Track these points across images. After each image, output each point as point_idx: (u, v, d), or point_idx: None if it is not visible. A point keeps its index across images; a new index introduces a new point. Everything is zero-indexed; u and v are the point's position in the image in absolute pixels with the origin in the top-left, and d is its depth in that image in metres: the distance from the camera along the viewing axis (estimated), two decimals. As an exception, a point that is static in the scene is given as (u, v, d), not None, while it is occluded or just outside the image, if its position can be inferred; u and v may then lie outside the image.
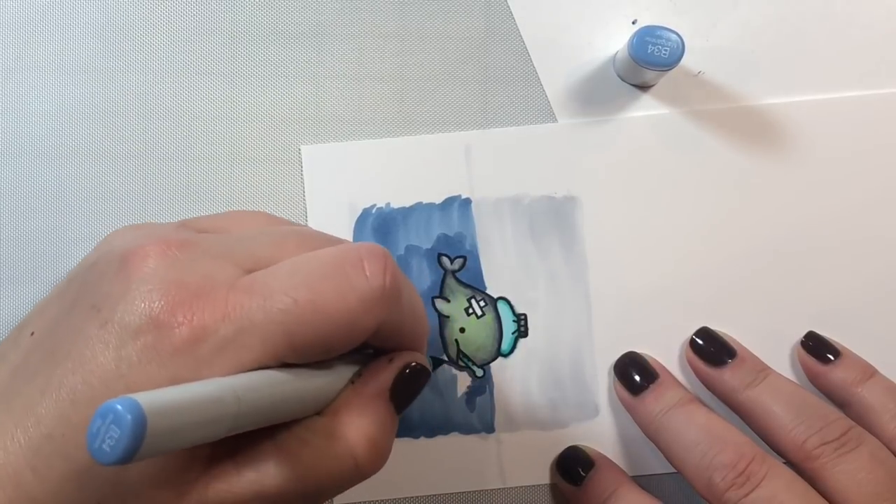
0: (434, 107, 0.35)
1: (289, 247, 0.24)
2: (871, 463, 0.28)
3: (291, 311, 0.22)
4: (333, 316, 0.22)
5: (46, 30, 0.35)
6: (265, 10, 0.35)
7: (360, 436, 0.23)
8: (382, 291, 0.22)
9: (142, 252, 0.23)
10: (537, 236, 0.34)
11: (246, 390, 0.21)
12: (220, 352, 0.21)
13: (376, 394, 0.24)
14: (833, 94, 0.35)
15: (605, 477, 0.32)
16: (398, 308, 0.23)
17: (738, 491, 0.28)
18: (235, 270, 0.23)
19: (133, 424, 0.17)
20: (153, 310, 0.22)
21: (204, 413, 0.19)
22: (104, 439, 0.17)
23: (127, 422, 0.17)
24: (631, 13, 0.35)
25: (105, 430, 0.17)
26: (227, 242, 0.24)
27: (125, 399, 0.17)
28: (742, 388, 0.31)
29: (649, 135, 0.35)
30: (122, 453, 0.17)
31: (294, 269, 0.23)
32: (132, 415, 0.17)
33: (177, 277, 0.22)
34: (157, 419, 0.17)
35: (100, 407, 0.17)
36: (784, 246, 0.34)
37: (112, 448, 0.17)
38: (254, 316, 0.22)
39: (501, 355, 0.34)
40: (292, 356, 0.22)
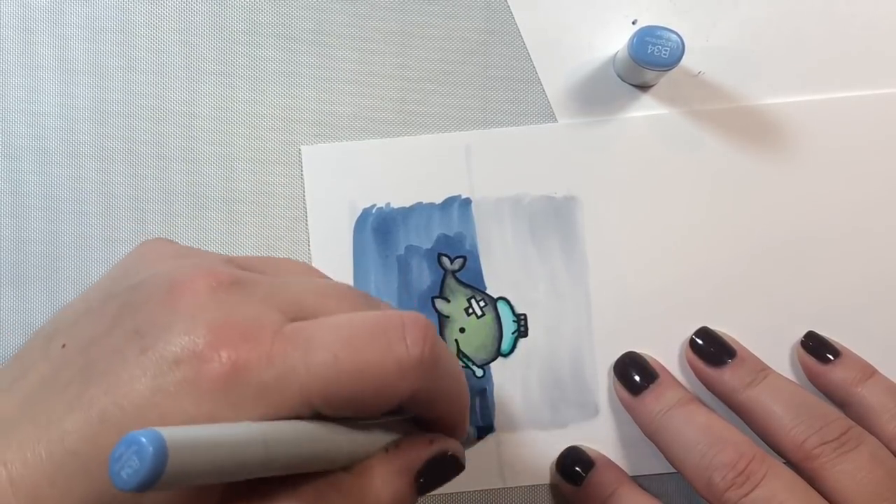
0: (434, 107, 0.35)
1: (332, 300, 0.25)
2: (871, 463, 0.28)
3: (331, 366, 0.22)
4: (370, 377, 0.22)
5: (46, 30, 0.35)
6: (265, 11, 0.35)
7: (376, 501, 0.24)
8: (420, 360, 0.23)
9: (192, 284, 0.23)
10: (537, 236, 0.34)
11: (276, 439, 0.21)
12: (257, 395, 0.22)
13: (405, 468, 0.25)
14: (833, 94, 0.35)
15: (605, 477, 0.32)
16: (434, 378, 0.23)
17: (738, 491, 0.28)
18: (281, 317, 0.23)
19: (154, 457, 0.17)
20: (197, 344, 0.22)
21: (229, 456, 0.19)
22: (124, 466, 0.17)
23: (148, 454, 0.17)
24: (631, 13, 0.35)
25: (127, 458, 0.17)
26: (273, 287, 0.25)
27: (151, 432, 0.17)
28: (742, 388, 0.31)
29: (649, 135, 0.35)
30: (139, 483, 0.17)
31: (338, 325, 0.23)
32: (154, 448, 0.17)
33: (224, 316, 0.22)
34: (179, 455, 0.18)
35: (126, 435, 0.17)
36: (784, 246, 0.34)
37: (129, 476, 0.17)
38: (296, 365, 0.22)
39: (501, 355, 0.34)
40: (326, 410, 0.22)
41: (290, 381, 0.22)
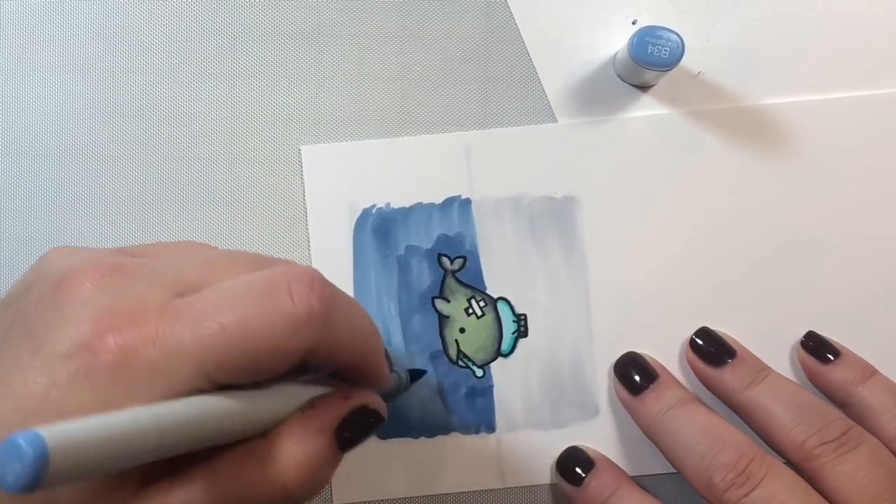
0: (434, 107, 0.35)
1: (220, 269, 0.25)
2: (871, 463, 0.28)
3: (218, 335, 0.22)
4: (260, 339, 0.22)
5: (46, 30, 0.35)
6: (265, 10, 0.35)
7: (294, 464, 0.24)
8: (309, 314, 0.23)
9: (74, 278, 0.23)
10: (537, 236, 0.34)
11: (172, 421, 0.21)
12: (150, 375, 0.22)
13: (321, 427, 0.25)
14: (833, 94, 0.35)
15: (605, 477, 0.32)
16: (330, 329, 0.23)
17: (738, 491, 0.28)
18: (166, 294, 0.23)
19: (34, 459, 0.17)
20: (84, 335, 0.22)
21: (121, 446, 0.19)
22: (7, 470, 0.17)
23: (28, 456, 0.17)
24: (631, 13, 0.35)
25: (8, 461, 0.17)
26: (158, 267, 0.25)
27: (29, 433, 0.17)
28: (742, 388, 0.31)
29: (649, 135, 0.35)
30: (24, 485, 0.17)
31: (221, 293, 0.23)
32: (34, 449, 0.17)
33: (108, 303, 0.23)
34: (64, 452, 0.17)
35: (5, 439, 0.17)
36: (784, 246, 0.34)
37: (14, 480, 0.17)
38: (183, 340, 0.22)
39: (501, 355, 0.34)
40: (224, 378, 0.22)
41: (181, 357, 0.22)
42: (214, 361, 0.22)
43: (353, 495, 0.33)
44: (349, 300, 0.25)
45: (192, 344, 0.22)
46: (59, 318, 0.23)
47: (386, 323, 0.34)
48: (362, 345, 0.26)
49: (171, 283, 0.24)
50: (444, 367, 0.34)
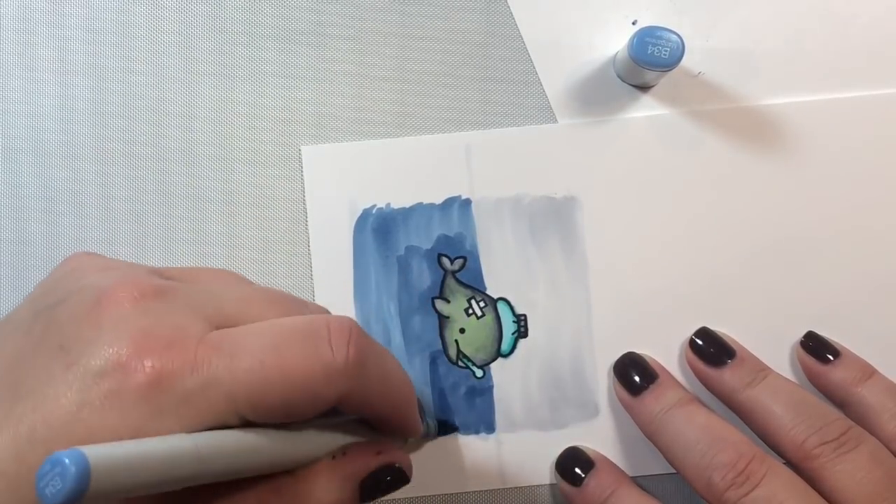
0: (434, 107, 0.35)
1: (256, 307, 0.25)
2: (871, 463, 0.28)
3: (257, 372, 0.22)
4: (296, 382, 0.22)
5: (46, 30, 0.35)
6: (265, 10, 0.35)
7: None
8: (346, 363, 0.23)
9: (114, 297, 0.23)
10: (537, 236, 0.34)
11: (210, 450, 0.21)
12: (183, 403, 0.22)
13: (350, 476, 0.25)
14: (833, 94, 0.35)
15: (604, 477, 0.32)
16: (363, 379, 0.24)
17: (738, 490, 0.28)
18: (205, 325, 0.23)
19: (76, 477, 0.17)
20: (121, 356, 0.22)
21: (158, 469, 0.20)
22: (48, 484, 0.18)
23: (70, 474, 0.17)
24: (631, 13, 0.35)
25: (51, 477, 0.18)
26: (197, 296, 0.25)
27: (73, 452, 0.18)
28: (741, 388, 0.31)
29: (649, 135, 0.35)
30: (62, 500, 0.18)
31: (263, 331, 0.23)
32: (76, 467, 0.17)
33: (148, 326, 0.23)
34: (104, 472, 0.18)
35: (50, 455, 0.18)
36: (784, 246, 0.34)
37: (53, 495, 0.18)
38: (220, 372, 0.22)
39: (501, 355, 0.34)
40: (253, 416, 0.22)
41: (216, 388, 0.22)
42: (247, 398, 0.22)
43: (353, 495, 0.34)
44: (385, 352, 0.26)
45: (229, 377, 0.22)
46: (95, 336, 0.22)
47: (386, 323, 0.34)
48: (394, 397, 0.26)
49: (210, 314, 0.24)
50: (444, 367, 0.34)
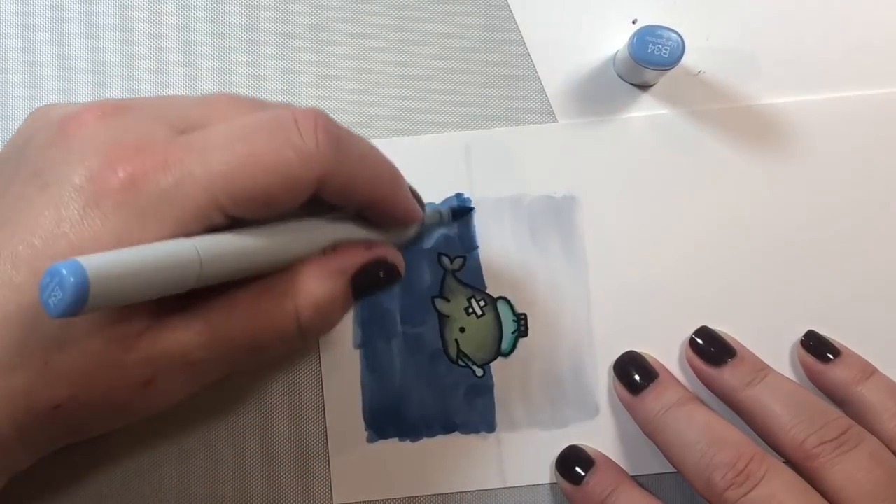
0: (434, 107, 0.35)
1: (221, 109, 0.25)
2: (871, 462, 0.28)
3: (229, 161, 0.22)
4: (271, 169, 0.23)
5: (46, 30, 0.35)
6: (265, 10, 0.35)
7: (310, 300, 0.25)
8: (317, 146, 0.23)
9: (79, 119, 0.24)
10: (537, 236, 0.34)
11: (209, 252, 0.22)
12: (161, 203, 0.22)
13: (340, 270, 0.26)
14: (833, 94, 0.35)
15: (604, 476, 0.32)
16: (341, 160, 0.24)
17: (738, 490, 0.28)
18: (171, 130, 0.24)
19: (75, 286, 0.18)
20: (92, 168, 0.22)
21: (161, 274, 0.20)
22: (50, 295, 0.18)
23: (69, 283, 0.18)
24: (631, 13, 0.35)
25: (52, 288, 0.18)
26: (160, 106, 0.25)
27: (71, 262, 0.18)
28: (741, 387, 0.31)
29: (649, 135, 0.35)
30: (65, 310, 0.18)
31: (230, 128, 0.24)
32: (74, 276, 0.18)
33: (114, 137, 0.23)
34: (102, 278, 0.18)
35: (49, 267, 0.18)
36: (784, 245, 0.34)
37: (56, 304, 0.18)
38: (193, 168, 0.22)
39: (501, 355, 0.34)
40: (235, 208, 0.23)
41: (192, 183, 0.22)
42: (226, 190, 0.22)
43: (353, 495, 0.33)
44: (359, 137, 0.26)
45: (203, 173, 0.22)
46: (65, 155, 0.23)
47: (386, 323, 0.34)
48: (377, 177, 0.26)
49: (175, 120, 0.24)
50: (444, 366, 0.34)
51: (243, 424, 0.34)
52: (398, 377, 0.34)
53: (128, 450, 0.33)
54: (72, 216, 0.22)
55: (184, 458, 0.33)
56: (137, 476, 0.33)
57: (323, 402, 0.34)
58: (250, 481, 0.33)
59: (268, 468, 0.33)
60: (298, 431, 0.34)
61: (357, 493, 0.33)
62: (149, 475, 0.33)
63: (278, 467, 0.34)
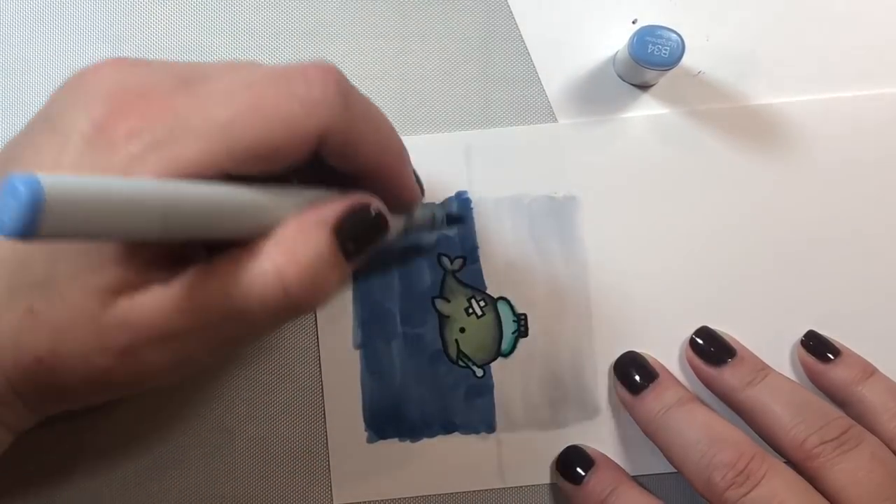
0: (434, 107, 0.35)
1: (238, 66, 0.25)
2: (871, 462, 0.28)
3: (229, 108, 0.22)
4: (273, 118, 0.22)
5: (46, 30, 0.35)
6: (265, 10, 0.35)
7: (290, 258, 0.22)
8: (324, 94, 0.22)
9: (95, 68, 0.24)
10: (537, 236, 0.34)
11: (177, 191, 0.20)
12: (154, 149, 0.22)
13: (318, 222, 0.23)
14: (833, 94, 0.35)
15: (604, 476, 0.32)
16: (347, 114, 0.23)
17: (738, 490, 0.28)
18: (178, 81, 0.24)
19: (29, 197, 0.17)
20: (95, 113, 0.22)
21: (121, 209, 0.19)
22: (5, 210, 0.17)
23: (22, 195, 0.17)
24: (631, 13, 0.35)
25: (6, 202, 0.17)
26: (173, 63, 0.25)
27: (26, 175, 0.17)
28: (742, 387, 0.31)
29: (649, 135, 0.35)
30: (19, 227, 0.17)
31: (235, 77, 0.23)
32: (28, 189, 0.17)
33: (121, 83, 0.23)
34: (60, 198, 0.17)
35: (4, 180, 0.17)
36: (784, 246, 0.34)
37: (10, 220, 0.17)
38: (191, 116, 0.22)
39: (501, 355, 0.34)
40: (231, 161, 0.22)
41: (188, 133, 0.22)
42: (222, 139, 0.22)
43: (353, 495, 0.33)
44: (366, 98, 0.25)
45: (203, 121, 0.22)
46: (74, 100, 0.23)
47: (386, 323, 0.34)
48: (383, 143, 0.25)
49: (187, 73, 0.24)
50: (444, 366, 0.34)
51: (243, 424, 0.34)
52: (398, 377, 0.34)
53: (128, 450, 0.33)
54: (70, 158, 0.22)
55: (184, 459, 0.33)
56: (137, 477, 0.33)
57: (323, 402, 0.34)
58: (250, 481, 0.33)
59: (268, 468, 0.33)
60: (298, 431, 0.34)
61: (357, 494, 0.33)
62: (148, 476, 0.33)
63: (278, 467, 0.34)
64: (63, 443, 0.33)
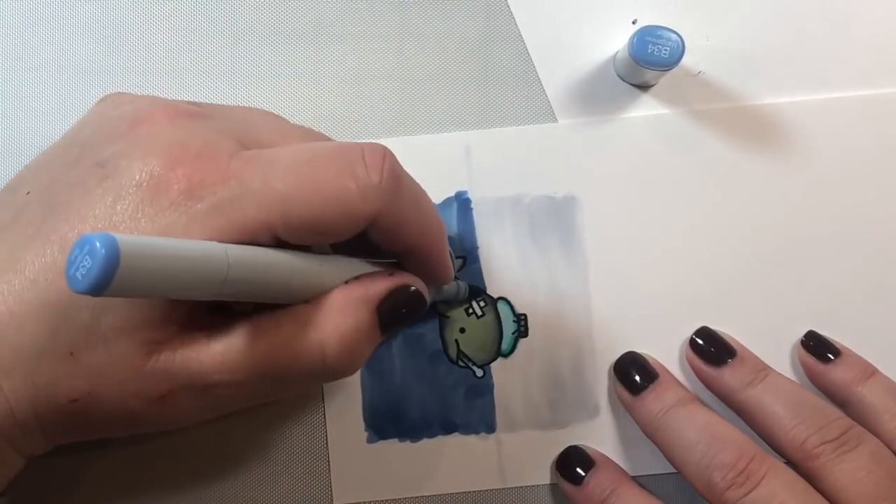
0: (434, 107, 0.35)
1: (292, 138, 0.25)
2: (871, 462, 0.28)
3: (290, 182, 0.22)
4: (330, 196, 0.22)
5: (46, 30, 0.35)
6: (265, 10, 0.35)
7: (333, 331, 0.24)
8: (380, 181, 0.23)
9: (152, 116, 0.24)
10: (537, 236, 0.34)
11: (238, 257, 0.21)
12: (213, 211, 0.22)
13: (364, 299, 0.25)
14: (833, 94, 0.35)
15: (605, 476, 0.32)
16: (397, 201, 0.24)
17: (738, 490, 0.28)
18: (239, 145, 0.24)
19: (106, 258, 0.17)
20: (154, 167, 0.22)
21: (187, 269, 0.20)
22: (78, 268, 0.17)
23: (100, 254, 0.17)
24: (631, 13, 0.35)
25: (81, 259, 0.17)
26: (234, 121, 0.25)
27: (104, 234, 0.17)
28: (742, 387, 0.31)
29: (649, 135, 0.35)
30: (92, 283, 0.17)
31: (297, 150, 0.23)
32: (106, 248, 0.17)
33: (182, 139, 0.23)
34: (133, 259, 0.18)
35: (80, 237, 0.18)
36: (784, 245, 0.34)
37: (83, 276, 0.17)
38: (253, 183, 0.22)
39: (501, 355, 0.34)
40: (285, 230, 0.23)
41: (248, 199, 0.22)
42: (280, 210, 0.22)
43: (353, 495, 0.33)
44: (414, 181, 0.26)
45: (262, 189, 0.22)
46: (130, 150, 0.23)
47: (386, 323, 0.34)
48: (426, 225, 0.26)
49: (244, 138, 0.24)
50: (444, 366, 0.34)
51: (243, 425, 0.34)
52: (398, 378, 0.34)
53: (128, 450, 0.33)
54: (125, 210, 0.22)
55: (184, 459, 0.33)
56: (137, 477, 0.33)
57: (323, 403, 0.34)
58: (250, 482, 0.33)
59: (268, 468, 0.33)
60: (298, 431, 0.34)
61: (357, 494, 0.33)
62: (148, 476, 0.33)
63: (278, 468, 0.34)
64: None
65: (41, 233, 0.23)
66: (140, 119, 0.24)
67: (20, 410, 0.23)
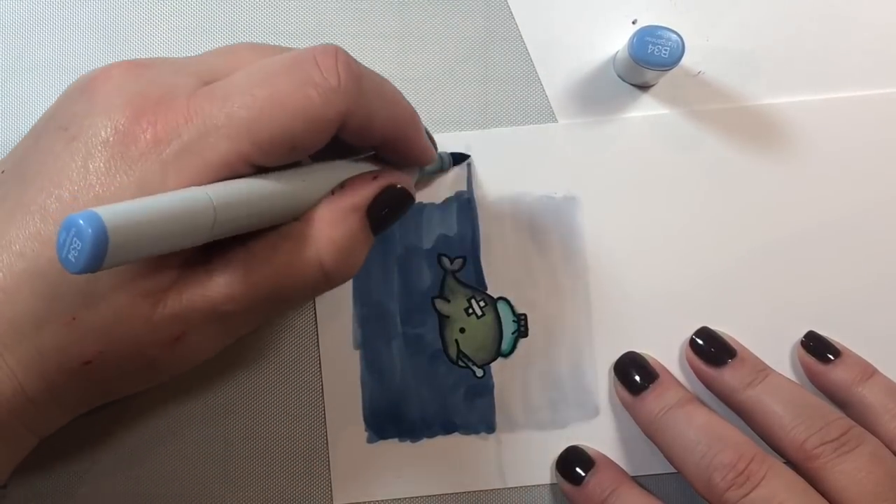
0: (434, 107, 0.35)
1: (244, 57, 0.25)
2: (871, 463, 0.28)
3: (251, 106, 0.22)
4: (294, 109, 0.23)
5: (46, 30, 0.35)
6: (265, 10, 0.35)
7: (328, 241, 0.24)
8: (338, 82, 0.23)
9: (105, 73, 0.24)
10: (537, 236, 0.34)
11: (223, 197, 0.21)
12: (184, 153, 0.22)
13: (352, 206, 0.25)
14: (833, 94, 0.35)
15: (605, 476, 0.32)
16: (361, 98, 0.24)
17: (738, 491, 0.28)
18: (195, 81, 0.24)
19: (94, 237, 0.17)
20: (118, 121, 0.23)
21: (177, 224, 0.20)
22: (70, 250, 0.17)
23: (88, 235, 0.17)
24: (631, 13, 0.35)
25: (70, 241, 0.17)
26: (184, 61, 0.26)
27: (87, 213, 0.17)
28: (742, 387, 0.31)
29: (649, 135, 0.35)
30: (86, 263, 0.17)
31: (250, 73, 0.24)
32: (92, 227, 0.17)
33: (139, 90, 0.23)
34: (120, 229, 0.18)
35: (63, 220, 0.18)
36: (784, 246, 0.34)
37: (77, 259, 0.17)
38: (215, 117, 0.22)
39: (501, 355, 0.34)
40: (259, 155, 0.23)
41: (214, 135, 0.22)
42: (248, 136, 0.22)
43: (353, 495, 0.33)
44: (375, 73, 0.26)
45: (225, 120, 0.22)
46: (91, 108, 0.23)
47: (386, 323, 0.34)
48: (396, 115, 0.26)
49: (198, 71, 0.25)
50: (444, 366, 0.34)
51: (243, 425, 0.34)
52: (398, 377, 0.34)
53: (127, 450, 0.33)
54: (98, 168, 0.22)
55: (184, 459, 0.33)
56: (137, 477, 0.33)
57: (323, 403, 0.34)
58: (250, 482, 0.33)
59: (268, 468, 0.33)
60: (298, 431, 0.34)
61: (357, 494, 0.33)
62: (148, 476, 0.33)
63: (278, 467, 0.34)
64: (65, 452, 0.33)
65: (21, 205, 0.23)
66: (96, 77, 0.24)
67: (30, 384, 0.23)
